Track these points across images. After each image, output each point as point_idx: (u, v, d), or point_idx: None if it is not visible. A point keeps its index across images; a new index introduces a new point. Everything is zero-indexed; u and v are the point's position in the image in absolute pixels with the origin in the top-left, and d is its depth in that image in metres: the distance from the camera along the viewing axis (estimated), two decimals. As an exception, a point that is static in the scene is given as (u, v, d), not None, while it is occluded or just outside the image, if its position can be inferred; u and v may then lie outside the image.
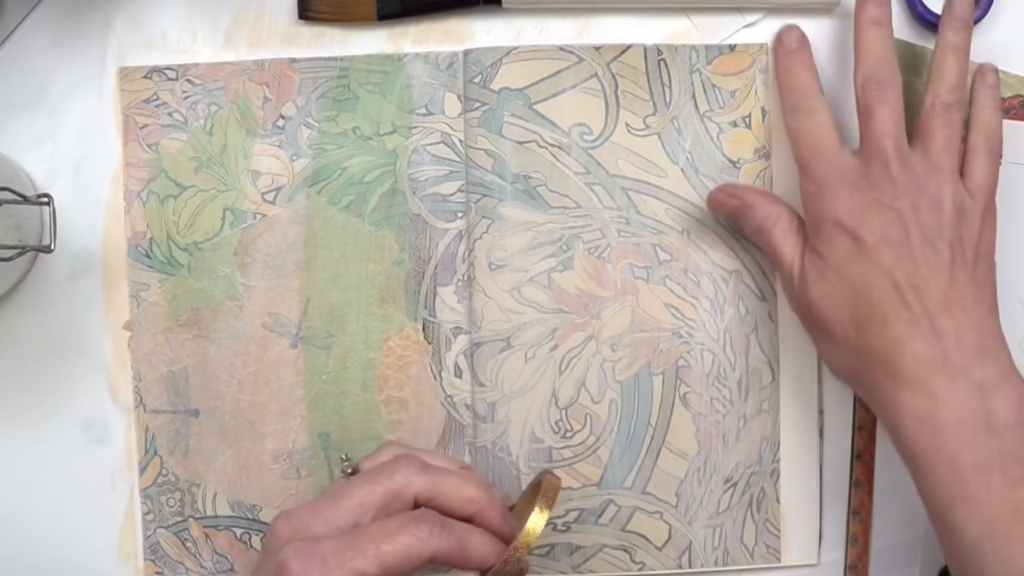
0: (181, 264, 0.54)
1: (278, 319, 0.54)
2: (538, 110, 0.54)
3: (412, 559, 0.41)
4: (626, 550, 0.54)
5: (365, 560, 0.41)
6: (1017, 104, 0.54)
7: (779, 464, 0.54)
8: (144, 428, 0.54)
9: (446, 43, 0.55)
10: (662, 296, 0.54)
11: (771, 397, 0.54)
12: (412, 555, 0.41)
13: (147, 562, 0.55)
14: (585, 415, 0.54)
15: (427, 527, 0.42)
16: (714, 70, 0.54)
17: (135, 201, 0.54)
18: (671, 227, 0.54)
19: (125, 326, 0.54)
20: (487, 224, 0.53)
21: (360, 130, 0.54)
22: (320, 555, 0.41)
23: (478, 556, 0.43)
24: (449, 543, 0.42)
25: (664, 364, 0.54)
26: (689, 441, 0.54)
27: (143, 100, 0.54)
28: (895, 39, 0.54)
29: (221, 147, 0.54)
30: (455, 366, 0.54)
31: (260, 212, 0.54)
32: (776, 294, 0.54)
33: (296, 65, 0.54)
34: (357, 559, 0.41)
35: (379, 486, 0.44)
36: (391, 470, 0.45)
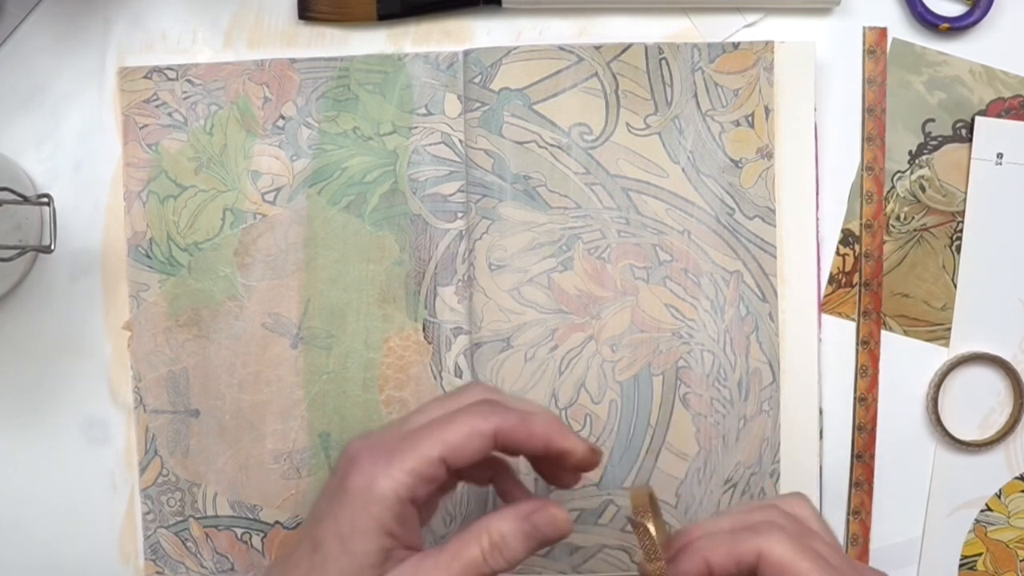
0: (181, 264, 0.54)
1: (278, 319, 0.54)
2: (538, 110, 0.54)
3: (475, 437, 0.41)
4: (626, 550, 0.54)
5: (429, 444, 0.40)
6: (1017, 104, 0.54)
7: (779, 464, 0.54)
8: (144, 428, 0.54)
9: (446, 43, 0.55)
10: (662, 296, 0.54)
11: (771, 398, 0.54)
12: (474, 433, 0.41)
13: (147, 562, 0.55)
14: (585, 415, 0.54)
15: (487, 406, 0.42)
16: (716, 68, 0.54)
17: (135, 201, 0.54)
18: (671, 227, 0.54)
19: (125, 326, 0.54)
20: (487, 224, 0.53)
21: (360, 130, 0.54)
22: (387, 447, 0.41)
23: (541, 432, 0.42)
24: (511, 419, 0.41)
25: (664, 364, 0.54)
26: (689, 442, 0.54)
27: (143, 100, 0.54)
28: (895, 39, 0.54)
29: (221, 147, 0.54)
30: (455, 366, 0.54)
31: (260, 212, 0.54)
32: (776, 295, 0.54)
33: (296, 65, 0.54)
34: (421, 444, 0.40)
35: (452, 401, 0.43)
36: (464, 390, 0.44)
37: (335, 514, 0.40)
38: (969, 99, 0.54)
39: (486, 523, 0.41)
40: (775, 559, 0.40)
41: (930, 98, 0.55)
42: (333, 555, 0.40)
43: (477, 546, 0.41)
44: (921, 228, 0.55)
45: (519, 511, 0.42)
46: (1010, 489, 0.55)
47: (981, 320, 0.55)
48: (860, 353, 0.55)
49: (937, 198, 0.55)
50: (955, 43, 0.54)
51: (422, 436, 0.41)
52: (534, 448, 0.42)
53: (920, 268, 0.55)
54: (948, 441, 0.55)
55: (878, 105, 0.54)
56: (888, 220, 0.55)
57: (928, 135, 0.55)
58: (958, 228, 0.55)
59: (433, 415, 0.43)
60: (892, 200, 0.55)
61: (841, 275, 0.55)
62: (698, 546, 0.41)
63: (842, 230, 0.55)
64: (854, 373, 0.55)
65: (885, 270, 0.55)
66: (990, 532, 0.55)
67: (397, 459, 0.40)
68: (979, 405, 0.55)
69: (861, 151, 0.55)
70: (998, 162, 0.54)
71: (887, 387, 0.55)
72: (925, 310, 0.55)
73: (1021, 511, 0.55)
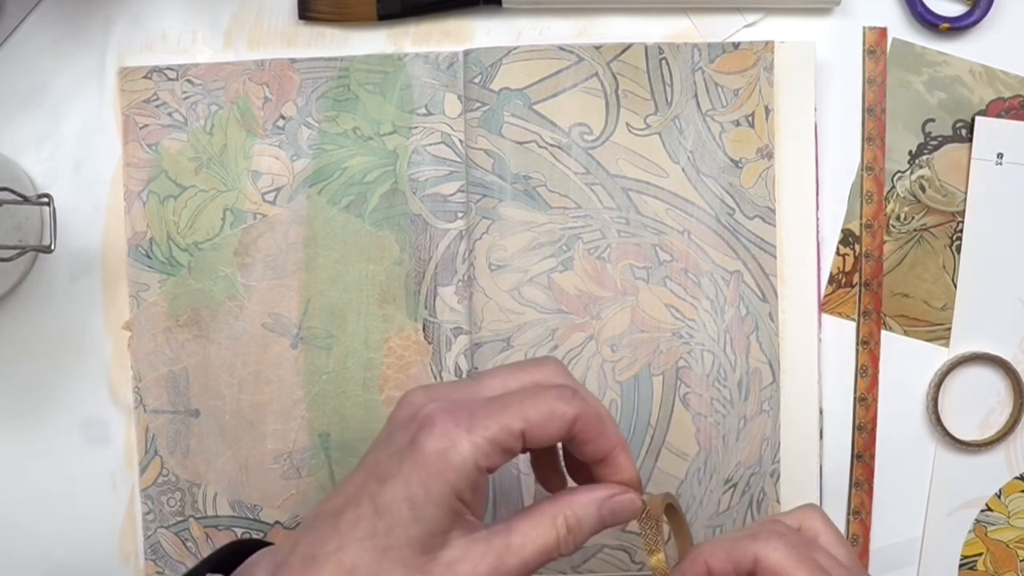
0: (181, 264, 0.54)
1: (278, 319, 0.54)
2: (538, 110, 0.54)
3: (556, 419, 0.39)
4: (626, 550, 0.54)
5: (512, 415, 0.38)
6: (1017, 104, 0.54)
7: (779, 464, 0.54)
8: (144, 428, 0.54)
9: (446, 43, 0.55)
10: (662, 296, 0.54)
11: (771, 398, 0.54)
12: (556, 415, 0.39)
13: (148, 562, 0.55)
14: (585, 415, 0.54)
15: (569, 391, 0.40)
16: (717, 68, 0.54)
17: (135, 201, 0.54)
18: (672, 227, 0.54)
19: (125, 326, 0.54)
20: (487, 224, 0.53)
21: (360, 130, 0.54)
22: (467, 410, 0.38)
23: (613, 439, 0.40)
24: (589, 410, 0.39)
25: (664, 364, 0.54)
26: (689, 442, 0.54)
27: (143, 100, 0.54)
28: (895, 39, 0.54)
29: (221, 147, 0.54)
30: (455, 366, 0.54)
31: (260, 212, 0.54)
32: (776, 295, 0.54)
33: (296, 65, 0.54)
34: (504, 414, 0.38)
35: (526, 374, 0.41)
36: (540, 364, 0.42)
37: (406, 477, 0.37)
38: (969, 99, 0.54)
39: (561, 507, 0.39)
40: (771, 565, 0.40)
41: (930, 98, 0.55)
42: (402, 521, 0.37)
43: (553, 531, 0.39)
44: (921, 228, 0.55)
45: (595, 496, 0.40)
46: (1010, 489, 0.55)
47: (981, 320, 0.55)
48: (860, 353, 0.55)
49: (937, 198, 0.55)
50: (955, 43, 0.54)
51: (504, 406, 0.38)
52: (593, 451, 0.40)
53: (920, 268, 0.55)
54: (948, 441, 0.55)
55: (878, 105, 0.54)
56: (888, 220, 0.55)
57: (928, 135, 0.55)
58: (958, 228, 0.55)
59: (509, 385, 0.40)
60: (892, 200, 0.55)
61: (841, 275, 0.55)
62: (700, 550, 0.41)
63: (842, 230, 0.55)
64: (854, 373, 0.55)
65: (885, 270, 0.55)
66: (990, 532, 0.55)
67: (480, 425, 0.38)
68: (979, 405, 0.55)
69: (861, 151, 0.55)
70: (998, 162, 0.54)
71: (887, 387, 0.55)
72: (925, 310, 0.55)
73: (1021, 511, 0.55)
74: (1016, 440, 0.55)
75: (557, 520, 0.39)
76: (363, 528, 0.37)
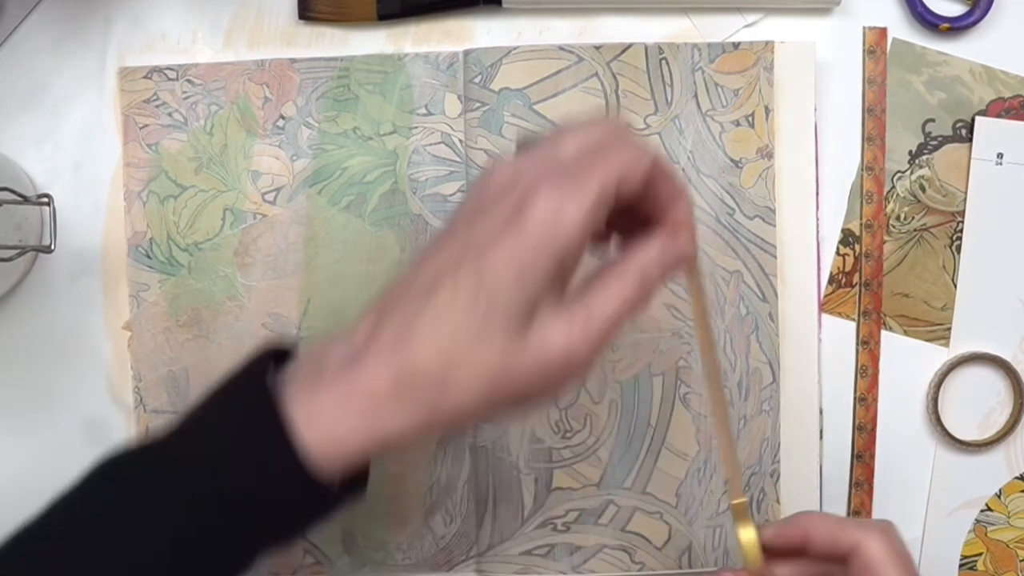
0: (181, 264, 0.54)
1: (278, 319, 0.54)
2: (538, 110, 0.54)
3: (641, 164, 0.38)
4: (626, 550, 0.54)
5: (604, 172, 0.37)
6: (1017, 104, 0.54)
7: (779, 464, 0.54)
8: (144, 428, 0.54)
9: (446, 43, 0.55)
10: (662, 296, 0.54)
11: (771, 398, 0.54)
12: (640, 160, 0.38)
13: (147, 562, 0.55)
14: (585, 415, 0.54)
15: (640, 140, 0.39)
16: (717, 68, 0.54)
17: (135, 201, 0.54)
18: (671, 227, 0.54)
19: (125, 326, 0.54)
20: (487, 224, 0.53)
21: (360, 130, 0.54)
22: (565, 174, 0.37)
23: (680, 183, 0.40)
24: (662, 158, 0.39)
25: (664, 364, 0.54)
26: (689, 441, 0.54)
27: (143, 100, 0.54)
28: (895, 39, 0.54)
29: (221, 147, 0.54)
30: (455, 366, 0.54)
31: (260, 212, 0.54)
32: (776, 295, 0.54)
33: (296, 65, 0.54)
34: (598, 172, 0.37)
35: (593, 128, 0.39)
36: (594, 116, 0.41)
37: (514, 245, 0.36)
38: (969, 99, 0.54)
39: (627, 264, 0.39)
40: (871, 555, 0.41)
41: (930, 98, 0.55)
42: (506, 289, 0.36)
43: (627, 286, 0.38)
44: (921, 228, 0.55)
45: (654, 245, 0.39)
46: (1010, 489, 0.55)
47: (981, 320, 0.55)
48: (860, 353, 0.55)
49: (937, 198, 0.55)
50: (955, 43, 0.54)
51: (594, 163, 0.37)
52: (667, 189, 0.39)
53: (920, 268, 0.55)
54: (948, 441, 0.55)
55: (878, 105, 0.54)
56: (888, 220, 0.55)
57: (928, 135, 0.55)
58: (958, 228, 0.55)
59: (584, 142, 0.39)
60: (892, 200, 0.55)
61: (841, 275, 0.55)
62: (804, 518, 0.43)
63: (842, 230, 0.55)
64: (854, 373, 0.55)
65: (885, 270, 0.55)
66: (990, 532, 0.55)
67: (583, 187, 0.37)
68: (979, 405, 0.55)
69: (861, 151, 0.55)
70: (998, 162, 0.54)
71: (887, 387, 0.55)
72: (925, 310, 0.55)
73: (1021, 511, 0.55)
74: (1016, 440, 0.55)
75: (626, 278, 0.38)
76: (463, 297, 0.37)
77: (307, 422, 0.37)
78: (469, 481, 0.54)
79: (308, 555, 0.54)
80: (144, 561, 0.37)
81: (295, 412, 0.37)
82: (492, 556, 0.54)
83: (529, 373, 0.37)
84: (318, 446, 0.37)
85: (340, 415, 0.37)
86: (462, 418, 0.38)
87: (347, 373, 0.37)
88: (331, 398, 0.37)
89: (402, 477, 0.54)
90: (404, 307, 0.38)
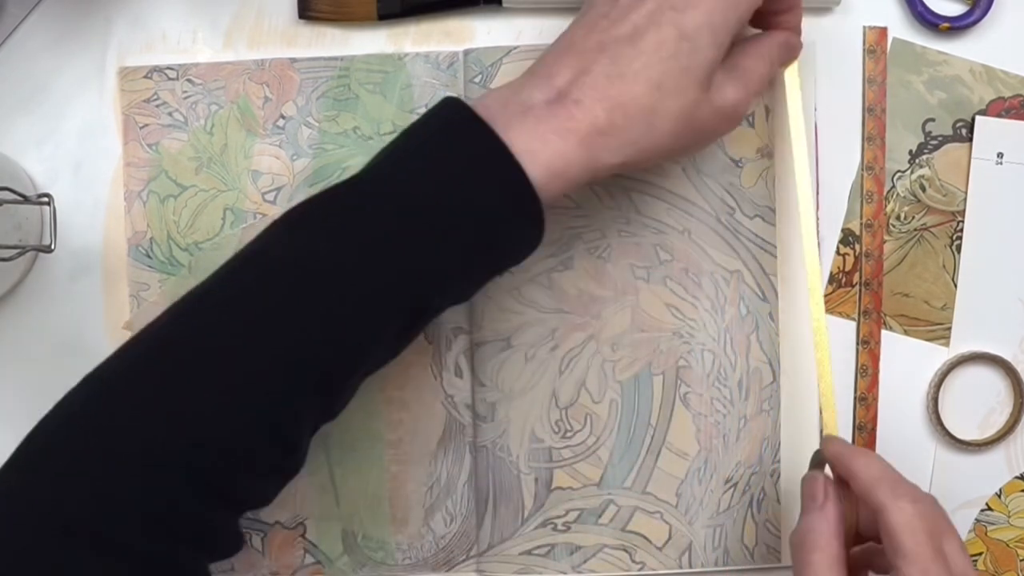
0: (182, 264, 0.54)
1: (278, 319, 0.54)
2: (538, 110, 0.54)
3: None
4: (626, 550, 0.54)
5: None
6: (1017, 104, 0.54)
7: (779, 464, 0.54)
8: (144, 428, 0.54)
9: (446, 43, 0.55)
10: (662, 296, 0.54)
11: (771, 397, 0.54)
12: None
13: (147, 562, 0.55)
14: (585, 415, 0.54)
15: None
16: (715, 69, 0.54)
17: (135, 201, 0.54)
18: (672, 227, 0.54)
19: (125, 326, 0.54)
20: (487, 224, 0.53)
21: (360, 130, 0.54)
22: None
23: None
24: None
25: (664, 364, 0.54)
26: (689, 441, 0.54)
27: (143, 100, 0.54)
28: (895, 39, 0.54)
29: (221, 147, 0.54)
30: (455, 366, 0.54)
31: (260, 212, 0.54)
32: (776, 294, 0.54)
33: (296, 65, 0.54)
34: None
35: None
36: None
37: (709, 6, 0.42)
38: (969, 99, 0.54)
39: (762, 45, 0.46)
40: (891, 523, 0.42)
41: (930, 98, 0.55)
42: (702, 46, 0.42)
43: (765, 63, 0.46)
44: (921, 228, 0.55)
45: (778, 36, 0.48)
46: (1010, 489, 0.55)
47: (981, 320, 0.55)
48: (860, 353, 0.55)
49: (937, 198, 0.55)
50: (955, 43, 0.54)
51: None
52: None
53: (920, 268, 0.55)
54: (948, 441, 0.55)
55: (878, 105, 0.54)
56: (888, 220, 0.55)
57: (928, 135, 0.55)
58: (958, 228, 0.55)
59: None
60: (892, 200, 0.55)
61: (841, 275, 0.55)
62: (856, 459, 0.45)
63: (842, 230, 0.55)
64: (854, 373, 0.55)
65: (885, 270, 0.55)
66: (990, 531, 0.55)
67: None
68: (979, 405, 0.55)
69: (861, 151, 0.55)
70: (998, 162, 0.54)
71: (887, 387, 0.55)
72: (925, 310, 0.55)
73: (1021, 511, 0.55)
74: (1016, 440, 0.55)
75: (764, 56, 0.46)
76: (667, 49, 0.42)
77: (528, 154, 0.41)
78: (469, 481, 0.54)
79: (308, 555, 0.54)
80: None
81: (515, 145, 0.40)
82: (492, 556, 0.54)
83: (709, 119, 0.44)
84: (540, 174, 0.41)
85: (562, 146, 0.41)
86: (655, 155, 0.43)
87: (562, 109, 0.41)
88: (550, 131, 0.41)
89: (402, 477, 0.54)
90: (612, 52, 0.42)
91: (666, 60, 0.42)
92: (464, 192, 0.41)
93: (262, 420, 0.40)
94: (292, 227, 0.42)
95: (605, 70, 0.42)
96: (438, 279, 0.41)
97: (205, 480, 0.39)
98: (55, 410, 0.41)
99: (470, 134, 0.41)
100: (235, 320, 0.40)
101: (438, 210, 0.41)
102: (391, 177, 0.42)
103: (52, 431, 0.40)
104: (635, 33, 0.42)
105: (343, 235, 0.40)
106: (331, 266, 0.40)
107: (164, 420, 0.38)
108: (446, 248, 0.41)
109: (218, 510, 0.40)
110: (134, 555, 0.38)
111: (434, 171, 0.41)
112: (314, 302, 0.40)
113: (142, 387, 0.39)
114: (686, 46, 0.42)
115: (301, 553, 0.54)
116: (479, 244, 0.42)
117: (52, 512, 0.37)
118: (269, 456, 0.41)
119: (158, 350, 0.40)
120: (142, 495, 0.38)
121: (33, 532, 0.37)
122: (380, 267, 0.40)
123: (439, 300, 0.43)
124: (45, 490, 0.38)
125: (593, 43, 0.43)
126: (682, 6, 0.42)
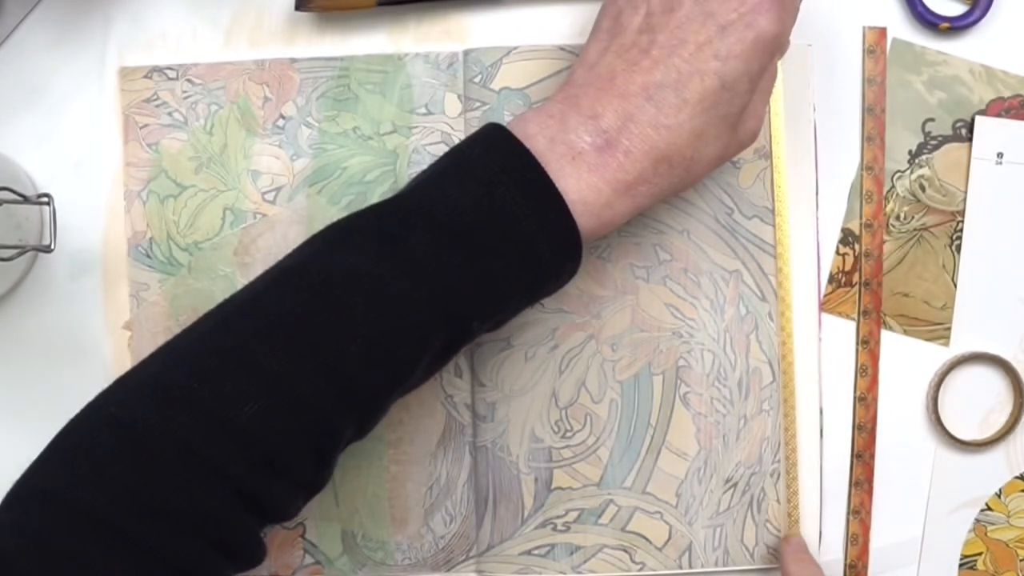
0: (181, 264, 0.54)
1: (278, 319, 0.54)
2: (538, 110, 0.54)
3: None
4: (626, 550, 0.54)
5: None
6: (1017, 104, 0.54)
7: (779, 464, 0.54)
8: (144, 428, 0.54)
9: (446, 43, 0.55)
10: (662, 296, 0.54)
11: (771, 397, 0.54)
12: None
13: (147, 562, 0.55)
14: (585, 415, 0.54)
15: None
16: (714, 69, 0.54)
17: (135, 201, 0.54)
18: (671, 227, 0.54)
19: (125, 326, 0.54)
20: (487, 224, 0.53)
21: (360, 130, 0.54)
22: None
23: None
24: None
25: (664, 364, 0.54)
26: (689, 441, 0.54)
27: (143, 100, 0.54)
28: (895, 39, 0.54)
29: (221, 147, 0.54)
30: (455, 366, 0.54)
31: (260, 212, 0.54)
32: (776, 294, 0.54)
33: (296, 65, 0.54)
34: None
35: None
36: None
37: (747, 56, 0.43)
38: (969, 99, 0.54)
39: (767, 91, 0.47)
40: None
41: (930, 98, 0.55)
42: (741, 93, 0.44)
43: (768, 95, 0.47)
44: (921, 228, 0.55)
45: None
46: (1010, 489, 0.55)
47: (981, 320, 0.55)
48: (860, 353, 0.55)
49: (937, 197, 0.55)
50: (955, 43, 0.54)
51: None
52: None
53: (920, 267, 0.55)
54: (948, 441, 0.55)
55: (878, 105, 0.54)
56: (888, 220, 0.55)
57: (928, 135, 0.55)
58: (958, 228, 0.55)
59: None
60: (892, 200, 0.55)
61: (841, 275, 0.55)
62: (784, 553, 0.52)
63: (842, 230, 0.55)
64: (854, 373, 0.55)
65: (885, 270, 0.55)
66: (990, 531, 0.55)
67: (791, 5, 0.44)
68: (979, 405, 0.55)
69: (861, 151, 0.55)
70: (998, 162, 0.54)
71: (887, 387, 0.55)
72: (925, 310, 0.55)
73: (1021, 510, 0.55)
74: (1016, 440, 0.55)
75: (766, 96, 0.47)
76: (710, 100, 0.43)
77: (581, 204, 0.43)
78: (469, 481, 0.54)
79: (308, 555, 0.54)
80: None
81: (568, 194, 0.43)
82: (492, 556, 0.54)
83: (735, 152, 0.46)
84: (591, 224, 0.43)
85: (612, 198, 0.43)
86: (687, 188, 0.46)
87: (612, 159, 0.43)
88: (602, 182, 0.43)
89: (402, 477, 0.54)
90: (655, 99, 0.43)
91: (708, 111, 0.43)
92: (515, 233, 0.42)
93: (302, 434, 0.40)
94: (333, 246, 0.43)
95: (652, 120, 0.43)
96: (479, 311, 0.43)
97: (239, 486, 0.39)
98: (88, 410, 0.41)
99: (525, 173, 0.43)
100: (276, 334, 0.40)
101: (486, 245, 0.42)
102: (439, 202, 0.42)
103: (86, 431, 0.41)
104: (679, 81, 0.43)
105: (390, 258, 0.41)
106: (378, 287, 0.41)
107: (204, 423, 0.39)
108: (490, 281, 0.42)
109: (247, 517, 0.40)
110: (160, 556, 0.38)
111: (486, 203, 0.42)
112: (359, 324, 0.41)
113: (183, 390, 0.40)
114: (726, 96, 0.43)
115: (301, 553, 0.54)
116: (522, 281, 0.43)
117: (85, 509, 0.38)
118: (304, 469, 0.41)
119: (202, 357, 0.40)
120: (176, 496, 0.38)
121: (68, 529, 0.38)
122: (426, 294, 0.41)
123: (477, 327, 0.44)
124: (83, 488, 0.39)
125: (637, 86, 0.43)
126: (724, 55, 0.43)
